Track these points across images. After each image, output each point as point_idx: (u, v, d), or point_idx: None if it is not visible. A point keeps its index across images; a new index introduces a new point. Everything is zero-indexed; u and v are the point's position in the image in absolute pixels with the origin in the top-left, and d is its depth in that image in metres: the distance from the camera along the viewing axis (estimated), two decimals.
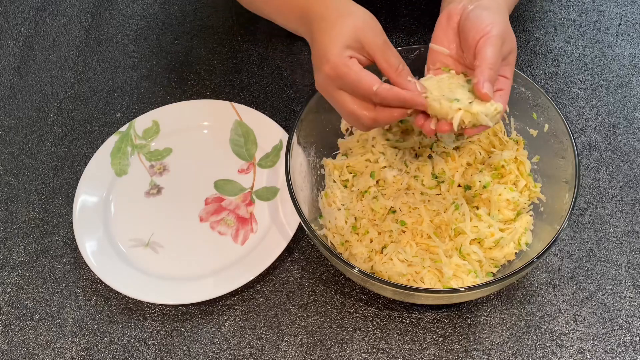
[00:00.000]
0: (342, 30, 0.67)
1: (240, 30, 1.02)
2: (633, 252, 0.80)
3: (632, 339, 0.75)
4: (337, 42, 0.66)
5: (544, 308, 0.77)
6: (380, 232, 0.78)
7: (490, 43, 0.65)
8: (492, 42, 0.65)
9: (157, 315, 0.79)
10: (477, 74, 0.64)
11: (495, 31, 0.65)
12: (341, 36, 0.67)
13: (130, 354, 0.76)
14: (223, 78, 0.97)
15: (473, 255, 0.75)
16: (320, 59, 0.67)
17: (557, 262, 0.80)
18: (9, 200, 0.88)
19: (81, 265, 0.82)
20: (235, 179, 0.87)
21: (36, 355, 0.77)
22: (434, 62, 0.72)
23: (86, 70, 1.00)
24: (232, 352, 0.76)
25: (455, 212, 0.77)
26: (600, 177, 0.85)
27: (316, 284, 0.80)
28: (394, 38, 0.99)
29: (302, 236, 0.83)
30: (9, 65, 1.01)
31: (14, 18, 1.06)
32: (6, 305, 0.80)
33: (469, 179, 0.80)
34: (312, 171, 0.82)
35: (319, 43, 0.68)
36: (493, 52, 0.65)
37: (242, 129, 0.90)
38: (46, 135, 0.93)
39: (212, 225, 0.84)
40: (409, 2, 1.02)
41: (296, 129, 0.78)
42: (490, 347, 0.75)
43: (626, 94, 0.92)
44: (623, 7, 1.01)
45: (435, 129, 0.67)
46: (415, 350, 0.75)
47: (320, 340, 0.76)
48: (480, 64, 0.65)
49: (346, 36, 0.67)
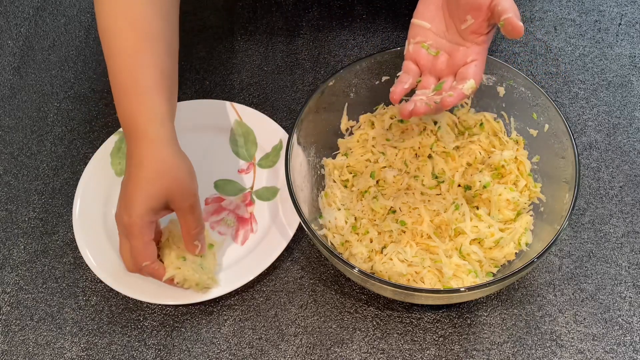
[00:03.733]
0: (153, 192, 0.70)
1: (240, 30, 1.02)
2: (633, 252, 0.80)
3: (632, 339, 0.75)
4: (144, 202, 0.70)
5: (544, 308, 0.77)
6: (380, 232, 0.78)
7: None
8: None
9: (157, 315, 0.79)
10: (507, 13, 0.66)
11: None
12: (150, 200, 0.70)
13: (130, 354, 0.76)
14: (223, 78, 0.97)
15: (473, 255, 0.75)
16: (125, 205, 0.70)
17: (557, 262, 0.80)
18: (9, 200, 0.88)
19: (81, 265, 0.82)
20: (235, 179, 0.87)
21: (36, 355, 0.77)
22: (415, 36, 0.75)
23: (86, 70, 1.00)
24: (232, 352, 0.76)
25: (455, 212, 0.77)
26: (600, 177, 0.85)
27: (316, 284, 0.80)
28: (394, 38, 0.99)
29: (302, 236, 0.83)
30: (9, 65, 1.01)
31: (13, 18, 1.06)
32: (6, 305, 0.80)
33: (469, 179, 0.80)
34: (312, 171, 0.82)
35: (131, 188, 0.70)
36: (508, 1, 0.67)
37: (242, 129, 0.90)
38: (46, 135, 0.93)
39: (212, 225, 0.84)
40: (409, 2, 1.02)
41: (296, 129, 0.78)
42: (490, 347, 0.75)
43: (626, 94, 0.92)
44: (623, 7, 1.01)
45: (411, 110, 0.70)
46: (415, 350, 0.75)
47: (320, 340, 0.76)
48: (506, 6, 0.66)
49: (155, 200, 0.70)
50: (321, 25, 1.01)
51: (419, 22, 0.75)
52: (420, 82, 0.75)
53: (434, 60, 0.74)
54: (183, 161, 0.73)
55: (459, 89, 0.70)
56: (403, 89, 0.74)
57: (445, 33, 0.74)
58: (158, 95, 0.72)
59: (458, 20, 0.72)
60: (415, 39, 0.75)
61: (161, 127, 0.71)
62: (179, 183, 0.71)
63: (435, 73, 0.74)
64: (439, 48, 0.74)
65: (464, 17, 0.70)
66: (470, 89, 0.70)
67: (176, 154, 0.72)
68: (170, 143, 0.72)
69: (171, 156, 0.71)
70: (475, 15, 0.69)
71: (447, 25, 0.73)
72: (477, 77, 0.71)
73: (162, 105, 0.72)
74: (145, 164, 0.70)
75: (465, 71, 0.71)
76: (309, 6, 1.03)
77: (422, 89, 0.74)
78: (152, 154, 0.70)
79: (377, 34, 1.00)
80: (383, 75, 0.84)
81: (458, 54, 0.72)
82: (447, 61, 0.73)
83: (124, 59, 0.72)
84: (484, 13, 0.69)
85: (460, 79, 0.71)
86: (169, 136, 0.72)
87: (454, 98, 0.69)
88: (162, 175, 0.70)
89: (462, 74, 0.71)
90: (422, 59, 0.74)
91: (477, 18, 0.69)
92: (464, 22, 0.71)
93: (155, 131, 0.71)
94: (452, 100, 0.69)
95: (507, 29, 0.66)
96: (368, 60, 0.82)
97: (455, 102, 0.69)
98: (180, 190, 0.71)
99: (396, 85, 0.74)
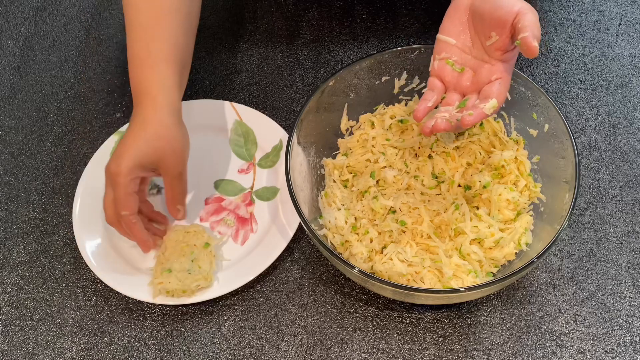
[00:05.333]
0: (147, 150, 0.73)
1: (240, 30, 1.02)
2: (633, 252, 0.80)
3: (632, 339, 0.75)
4: (135, 157, 0.73)
5: (544, 308, 0.77)
6: (380, 232, 0.78)
7: (527, 12, 0.67)
8: (528, 12, 0.67)
9: (157, 315, 0.79)
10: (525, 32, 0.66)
11: (525, 6, 0.67)
12: (142, 156, 0.73)
13: (130, 354, 0.76)
14: (223, 78, 0.97)
15: (473, 255, 0.75)
16: (117, 156, 0.73)
17: (557, 262, 0.80)
18: (9, 200, 0.88)
19: (81, 265, 0.82)
20: (235, 179, 0.87)
21: (36, 355, 0.77)
22: (440, 52, 0.74)
23: (86, 70, 1.00)
24: (232, 352, 0.76)
25: (455, 212, 0.77)
26: (600, 177, 0.85)
27: (316, 284, 0.80)
28: (393, 38, 0.99)
29: (302, 236, 0.83)
30: (9, 65, 1.01)
31: (14, 18, 1.06)
32: (6, 305, 0.80)
33: (469, 179, 0.80)
34: (312, 171, 0.82)
35: (128, 142, 0.73)
36: (532, 17, 0.67)
37: (242, 129, 0.90)
38: (46, 135, 0.93)
39: (212, 225, 0.84)
40: (409, 2, 1.02)
41: (296, 129, 0.78)
42: (490, 347, 0.75)
43: (626, 94, 0.92)
44: (623, 7, 1.01)
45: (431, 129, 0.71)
46: (415, 350, 0.75)
47: (320, 340, 0.76)
48: (526, 24, 0.66)
49: (146, 158, 0.73)
50: (321, 25, 1.01)
51: (444, 38, 0.74)
52: (444, 99, 0.74)
53: (459, 77, 0.73)
54: (182, 132, 0.77)
55: (480, 108, 0.69)
56: (427, 107, 0.73)
57: (471, 49, 0.73)
58: (169, 68, 0.76)
59: (483, 36, 0.71)
60: (440, 55, 0.74)
61: (169, 96, 0.75)
62: (174, 149, 0.75)
63: (459, 90, 0.74)
64: (464, 64, 0.73)
65: (489, 34, 0.70)
66: (491, 109, 0.69)
67: (178, 123, 0.77)
68: (175, 113, 0.76)
69: (172, 124, 0.75)
70: (499, 32, 0.69)
71: (473, 41, 0.73)
72: (501, 97, 0.70)
73: (172, 76, 0.76)
74: (147, 123, 0.74)
75: (489, 90, 0.70)
76: (309, 6, 1.03)
77: (445, 106, 0.73)
78: (156, 117, 0.74)
79: (377, 34, 1.00)
80: (383, 75, 0.84)
81: (483, 71, 0.71)
82: (471, 78, 0.73)
83: (140, 31, 0.77)
84: (508, 30, 0.68)
85: (484, 97, 0.70)
86: (175, 106, 0.76)
87: (473, 117, 0.68)
88: (160, 138, 0.74)
89: (485, 92, 0.71)
90: (447, 76, 0.74)
91: (502, 35, 0.69)
92: (488, 39, 0.70)
93: (163, 99, 0.75)
94: (471, 119, 0.68)
95: (522, 49, 0.65)
96: (368, 60, 0.82)
97: (475, 121, 0.68)
98: (174, 156, 0.75)
99: (420, 103, 0.74)
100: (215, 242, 0.81)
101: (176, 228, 0.80)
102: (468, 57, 0.73)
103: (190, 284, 0.76)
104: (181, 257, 0.77)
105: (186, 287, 0.76)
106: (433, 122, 0.70)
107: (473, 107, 0.70)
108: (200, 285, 0.76)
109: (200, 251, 0.78)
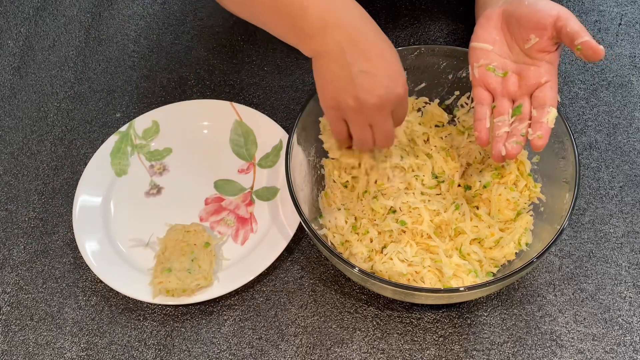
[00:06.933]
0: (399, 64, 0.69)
1: (240, 30, 1.02)
2: (633, 252, 0.80)
3: (632, 339, 0.75)
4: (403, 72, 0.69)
5: (544, 308, 0.77)
6: (380, 232, 0.78)
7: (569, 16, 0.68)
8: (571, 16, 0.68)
9: (157, 315, 0.79)
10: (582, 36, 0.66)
11: (564, 9, 0.68)
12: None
13: (130, 354, 0.76)
14: (223, 78, 0.97)
15: (473, 255, 0.75)
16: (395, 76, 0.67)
17: (557, 262, 0.80)
18: (9, 200, 0.88)
19: (81, 265, 0.82)
20: (235, 179, 0.87)
21: (36, 355, 0.77)
22: (477, 59, 0.73)
23: (86, 70, 1.00)
24: (232, 352, 0.76)
25: (455, 212, 0.77)
26: (600, 177, 0.85)
27: (316, 284, 0.80)
28: (393, 38, 0.99)
29: (302, 236, 0.83)
30: (9, 65, 1.01)
31: (14, 18, 1.06)
32: (6, 305, 0.80)
33: (469, 179, 0.80)
34: (312, 171, 0.82)
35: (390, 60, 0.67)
36: (578, 21, 0.67)
37: (242, 129, 0.90)
38: (46, 135, 0.93)
39: (212, 225, 0.84)
40: (409, 2, 1.02)
41: (296, 129, 0.78)
42: (490, 347, 0.75)
43: (626, 94, 0.92)
44: (623, 7, 1.01)
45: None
46: (415, 350, 0.75)
47: (320, 340, 0.76)
48: (576, 29, 0.66)
49: None
50: None
51: (480, 45, 0.73)
52: (495, 108, 0.73)
53: (504, 81, 0.72)
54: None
55: (545, 125, 0.69)
56: (486, 129, 0.72)
57: (508, 54, 0.72)
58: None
59: (521, 39, 0.71)
60: (478, 62, 0.73)
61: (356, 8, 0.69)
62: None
63: (507, 95, 0.73)
64: (505, 69, 0.73)
65: (527, 36, 0.70)
66: (554, 120, 0.69)
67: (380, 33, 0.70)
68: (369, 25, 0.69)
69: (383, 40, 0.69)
70: (539, 34, 0.69)
71: (510, 46, 0.72)
72: (555, 102, 0.70)
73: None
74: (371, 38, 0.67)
75: (542, 96, 0.70)
76: None
77: (499, 116, 0.72)
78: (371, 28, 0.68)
79: None
80: None
81: (529, 74, 0.71)
82: (517, 82, 0.72)
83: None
84: (549, 31, 0.68)
85: (538, 105, 0.70)
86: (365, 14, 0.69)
87: (543, 139, 0.68)
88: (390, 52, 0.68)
89: (539, 99, 0.70)
90: (492, 82, 0.73)
91: (542, 37, 0.69)
92: (527, 42, 0.70)
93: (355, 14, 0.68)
94: (542, 142, 0.68)
95: (586, 53, 0.65)
96: None
97: (545, 142, 0.68)
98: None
99: (477, 125, 0.73)
100: (216, 241, 0.81)
101: (176, 227, 0.80)
102: (507, 61, 0.72)
103: (190, 284, 0.76)
104: (181, 256, 0.77)
105: (186, 286, 0.76)
106: (501, 146, 0.70)
107: (537, 125, 0.69)
108: (200, 285, 0.76)
109: (201, 251, 0.78)
